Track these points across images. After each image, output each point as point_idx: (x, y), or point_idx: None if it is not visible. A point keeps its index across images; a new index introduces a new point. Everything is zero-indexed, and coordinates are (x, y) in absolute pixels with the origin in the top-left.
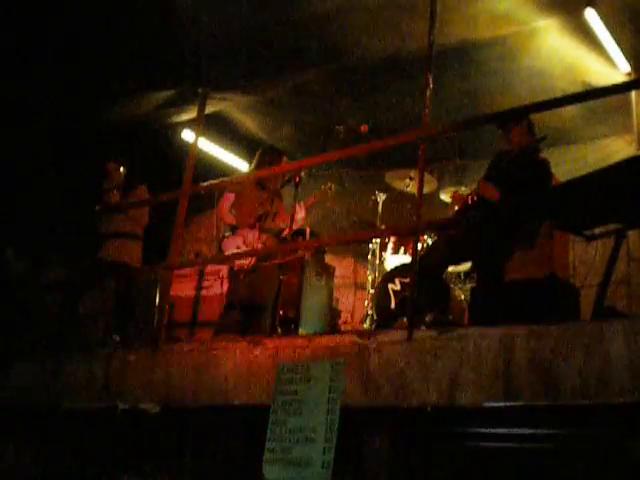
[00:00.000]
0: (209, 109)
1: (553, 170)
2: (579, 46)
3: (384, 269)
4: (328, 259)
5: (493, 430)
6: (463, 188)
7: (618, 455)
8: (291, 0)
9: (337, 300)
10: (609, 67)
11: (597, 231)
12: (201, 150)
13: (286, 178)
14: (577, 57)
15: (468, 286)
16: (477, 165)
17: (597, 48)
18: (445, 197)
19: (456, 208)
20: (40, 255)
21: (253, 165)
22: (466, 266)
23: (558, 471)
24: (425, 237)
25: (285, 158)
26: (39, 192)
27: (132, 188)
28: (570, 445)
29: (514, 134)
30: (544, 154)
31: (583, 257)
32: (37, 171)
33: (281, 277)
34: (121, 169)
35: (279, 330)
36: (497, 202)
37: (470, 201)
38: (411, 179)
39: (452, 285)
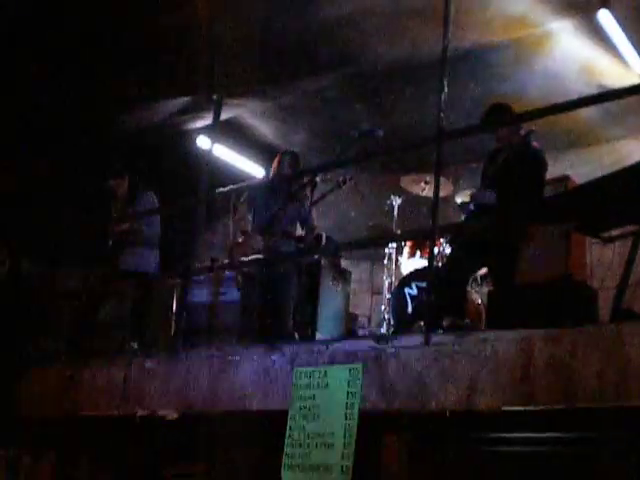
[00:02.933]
0: (224, 115)
1: (569, 172)
2: (593, 47)
3: (400, 273)
4: (344, 264)
5: (512, 434)
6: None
7: (637, 458)
8: (305, 6)
9: (354, 305)
10: (624, 68)
11: (614, 233)
12: (216, 156)
13: (302, 183)
14: (591, 59)
15: (485, 289)
16: None
17: (611, 49)
18: (460, 201)
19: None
20: (57, 263)
21: (273, 170)
22: (482, 269)
23: (577, 475)
24: (441, 241)
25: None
26: (55, 200)
27: (139, 195)
28: (589, 449)
29: (501, 131)
30: (558, 158)
31: (600, 259)
32: (53, 178)
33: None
34: (125, 181)
35: (296, 335)
36: (497, 205)
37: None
38: (427, 183)
39: (469, 288)
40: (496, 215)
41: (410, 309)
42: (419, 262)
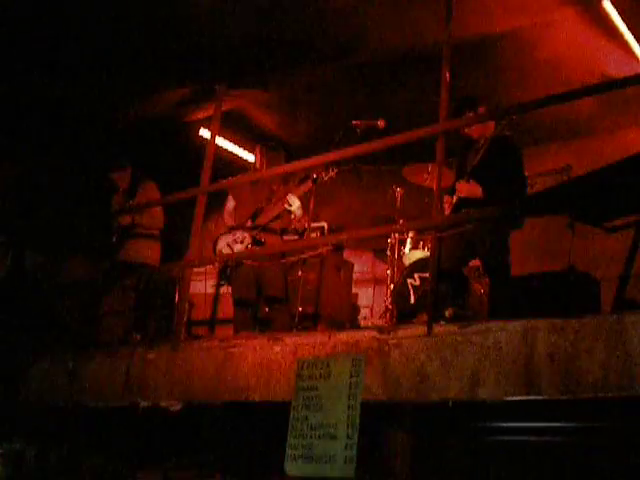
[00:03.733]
0: (225, 106)
1: (572, 163)
2: (597, 37)
3: (403, 264)
4: (347, 255)
5: (514, 424)
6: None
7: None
8: None
9: (356, 296)
10: (627, 57)
11: (617, 223)
12: (218, 147)
13: (304, 175)
14: (595, 48)
15: (487, 280)
16: None
17: (615, 38)
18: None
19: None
20: (59, 255)
21: (256, 162)
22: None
23: (579, 464)
24: None
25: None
26: (58, 192)
27: (141, 187)
28: (591, 438)
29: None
30: (560, 147)
31: (603, 249)
32: (55, 170)
33: (300, 273)
34: (127, 173)
35: (299, 326)
36: (483, 198)
37: (456, 202)
38: (429, 173)
39: (471, 279)
40: (487, 206)
41: (412, 300)
42: (421, 253)
